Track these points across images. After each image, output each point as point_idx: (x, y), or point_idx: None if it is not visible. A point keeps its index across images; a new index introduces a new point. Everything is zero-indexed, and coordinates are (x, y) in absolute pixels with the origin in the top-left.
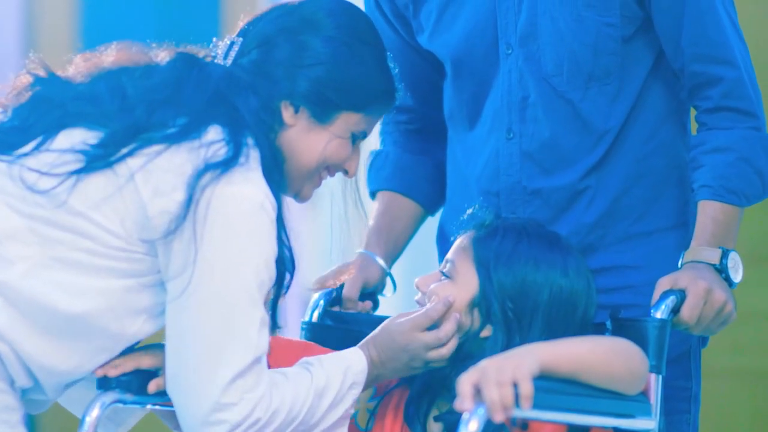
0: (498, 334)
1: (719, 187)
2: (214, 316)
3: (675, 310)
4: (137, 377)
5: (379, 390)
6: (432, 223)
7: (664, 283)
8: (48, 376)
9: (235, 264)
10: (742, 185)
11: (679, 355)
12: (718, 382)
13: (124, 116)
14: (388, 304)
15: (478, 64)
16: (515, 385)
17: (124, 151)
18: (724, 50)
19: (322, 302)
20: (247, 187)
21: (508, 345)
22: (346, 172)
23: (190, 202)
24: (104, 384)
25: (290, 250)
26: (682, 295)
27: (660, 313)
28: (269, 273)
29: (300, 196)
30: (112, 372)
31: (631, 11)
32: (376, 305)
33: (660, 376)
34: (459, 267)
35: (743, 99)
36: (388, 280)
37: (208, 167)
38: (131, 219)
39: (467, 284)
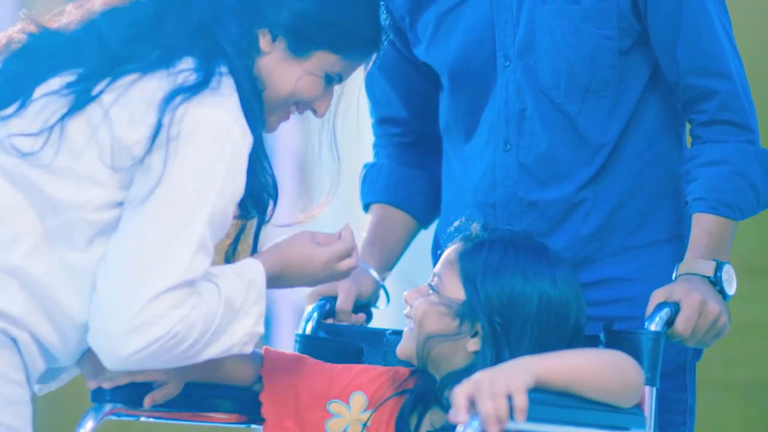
0: (486, 348)
1: (714, 200)
2: (161, 229)
3: (669, 323)
4: (131, 389)
5: (371, 403)
6: (426, 235)
7: (658, 295)
8: (71, 330)
9: (192, 184)
10: (736, 199)
11: (674, 367)
12: (711, 395)
13: (101, 53)
14: (381, 316)
15: (475, 76)
16: (510, 398)
17: (102, 85)
18: (720, 63)
19: (315, 314)
20: (216, 111)
21: (497, 359)
22: (315, 112)
23: (160, 124)
24: (98, 396)
25: (273, 177)
26: (676, 308)
27: (654, 326)
28: (225, 201)
29: (266, 127)
30: (107, 384)
31: (629, 24)
32: (369, 317)
33: (654, 389)
34: (445, 281)
35: (738, 112)
36: (382, 292)
37: (178, 91)
38: (111, 155)
39: (455, 297)
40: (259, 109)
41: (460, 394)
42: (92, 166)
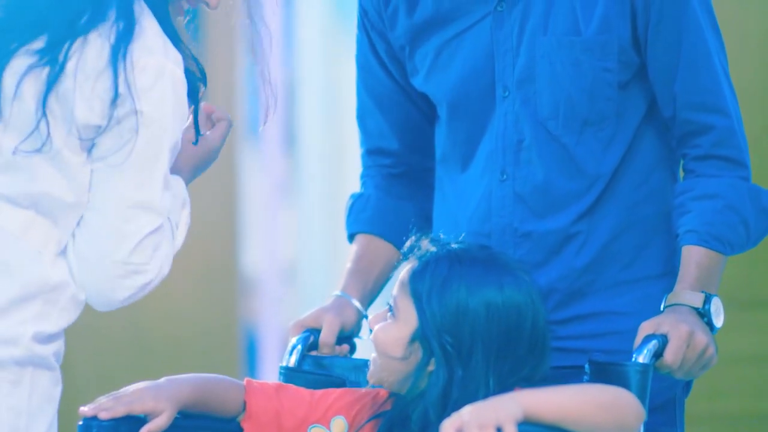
0: (439, 368)
1: (705, 233)
2: (134, 176)
3: (657, 354)
4: (123, 423)
5: (351, 426)
6: None
7: (646, 327)
8: None
9: (151, 131)
10: (728, 233)
11: (664, 402)
12: (697, 427)
13: (59, 14)
14: (365, 347)
15: (473, 106)
16: (499, 430)
17: (63, 51)
18: (717, 99)
19: (300, 346)
20: (152, 59)
21: (450, 378)
22: (207, 5)
23: (116, 77)
24: (86, 429)
25: (196, 60)
26: (664, 340)
27: (642, 357)
28: (177, 133)
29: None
30: (104, 414)
31: (629, 57)
32: (353, 349)
33: (642, 424)
34: (399, 303)
35: (733, 148)
36: (365, 322)
37: (115, 47)
38: (78, 131)
39: (407, 320)
40: (169, 19)
41: (448, 427)
42: (73, 147)
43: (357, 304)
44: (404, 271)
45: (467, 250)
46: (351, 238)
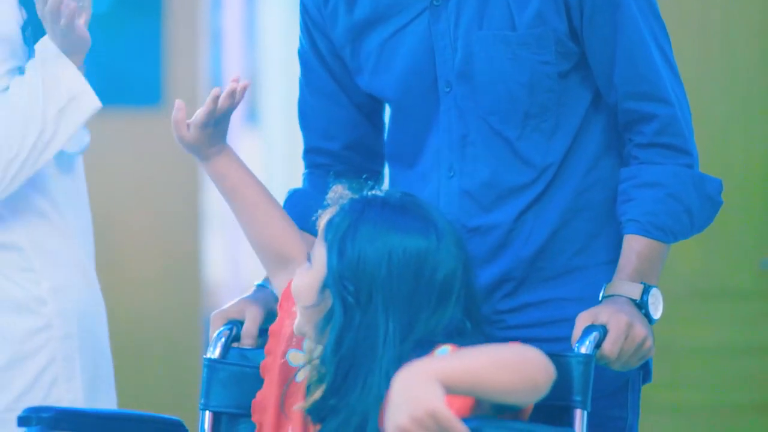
0: (337, 314)
1: (647, 222)
2: None
3: (597, 345)
4: (60, 415)
5: None
6: None
7: (584, 318)
8: None
9: None
10: (669, 222)
11: (616, 388)
12: (659, 418)
13: None
14: None
15: (418, 102)
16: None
17: None
18: (657, 88)
19: (224, 338)
20: None
21: (347, 324)
22: None
23: None
24: (25, 422)
25: None
26: (604, 330)
27: (585, 348)
28: None
29: None
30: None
31: (567, 48)
32: None
33: (585, 412)
34: (315, 250)
35: (677, 136)
36: None
37: None
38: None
39: (319, 267)
40: None
41: None
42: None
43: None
44: (322, 218)
45: (385, 197)
46: None
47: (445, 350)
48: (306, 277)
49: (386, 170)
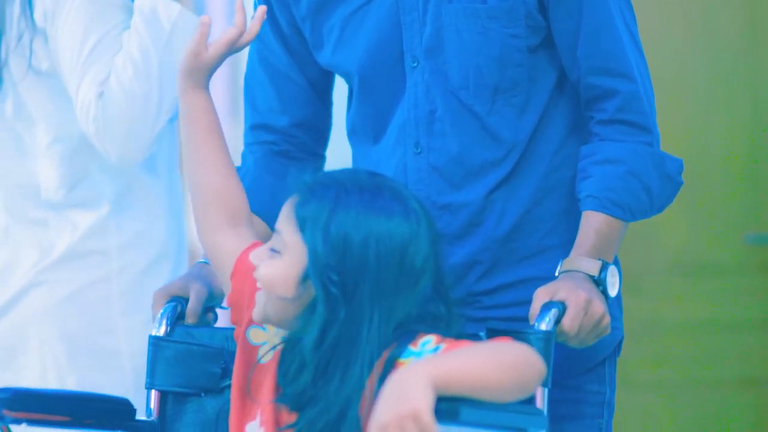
0: (321, 308)
1: (605, 198)
2: None
3: (556, 321)
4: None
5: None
6: None
7: (542, 294)
8: None
9: None
10: (628, 199)
11: (595, 364)
12: (641, 394)
13: None
14: (226, 316)
15: (383, 78)
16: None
17: None
18: (620, 63)
19: (168, 316)
20: None
21: (331, 318)
22: None
23: None
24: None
25: None
26: (563, 306)
27: (545, 325)
28: None
29: None
30: None
31: (536, 22)
32: (215, 318)
33: (546, 389)
34: (286, 237)
35: (638, 113)
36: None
37: None
38: None
39: (296, 256)
40: None
41: None
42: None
43: None
44: (287, 204)
45: (354, 177)
46: None
47: (429, 340)
48: (279, 267)
49: (327, 154)
